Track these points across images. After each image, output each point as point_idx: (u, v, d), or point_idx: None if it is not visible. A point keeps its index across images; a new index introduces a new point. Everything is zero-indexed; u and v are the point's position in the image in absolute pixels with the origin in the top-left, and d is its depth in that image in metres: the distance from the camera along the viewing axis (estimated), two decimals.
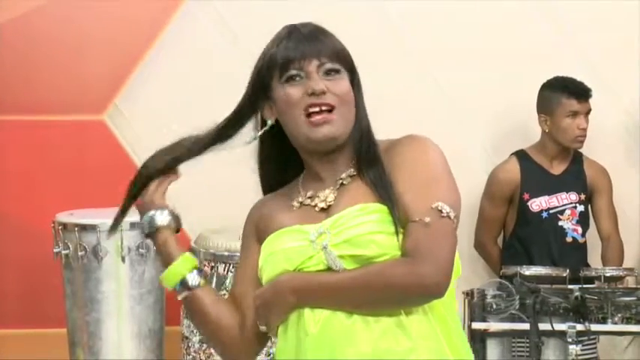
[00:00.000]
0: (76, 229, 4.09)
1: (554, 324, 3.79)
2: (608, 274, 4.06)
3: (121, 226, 2.31)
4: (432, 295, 1.90)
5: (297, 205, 2.03)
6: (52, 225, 4.17)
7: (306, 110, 1.97)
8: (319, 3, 4.44)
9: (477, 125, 4.76)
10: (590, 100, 4.42)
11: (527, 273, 4.00)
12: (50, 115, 4.65)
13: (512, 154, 4.54)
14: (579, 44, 4.76)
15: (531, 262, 4.32)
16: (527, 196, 4.44)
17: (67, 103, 4.67)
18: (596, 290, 3.91)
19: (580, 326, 3.82)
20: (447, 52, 4.71)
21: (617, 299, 3.85)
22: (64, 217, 4.19)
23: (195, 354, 4.00)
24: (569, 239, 4.44)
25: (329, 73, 1.99)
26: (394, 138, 2.04)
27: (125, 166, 4.47)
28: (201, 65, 4.65)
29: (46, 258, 4.20)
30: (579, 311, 3.83)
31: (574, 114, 4.40)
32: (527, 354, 3.86)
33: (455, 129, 4.63)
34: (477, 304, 3.86)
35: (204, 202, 4.47)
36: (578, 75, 4.45)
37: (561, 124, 4.40)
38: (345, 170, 2.02)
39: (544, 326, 3.79)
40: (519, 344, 3.91)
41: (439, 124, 4.44)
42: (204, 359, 3.98)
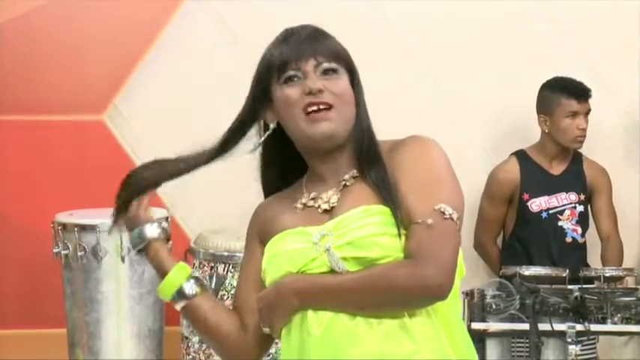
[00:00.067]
0: (76, 229, 4.09)
1: (553, 324, 3.79)
2: (607, 274, 4.06)
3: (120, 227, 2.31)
4: (435, 297, 1.90)
5: (300, 207, 2.03)
6: (52, 225, 4.16)
7: (305, 109, 1.97)
8: (318, 3, 4.45)
9: (477, 125, 4.76)
10: (590, 101, 4.42)
11: (526, 273, 3.99)
12: (50, 115, 4.65)
13: (511, 154, 4.54)
14: (579, 44, 4.76)
15: (531, 263, 4.32)
16: (526, 197, 4.44)
17: (67, 103, 4.67)
18: (596, 290, 3.91)
19: (579, 326, 3.82)
20: (446, 52, 4.71)
21: (616, 299, 3.85)
22: (63, 217, 4.19)
23: (195, 354, 4.00)
24: (568, 239, 4.44)
25: (327, 72, 1.99)
26: (397, 138, 2.03)
27: (125, 167, 4.42)
28: (201, 65, 4.65)
29: (46, 258, 4.19)
30: (579, 311, 3.83)
31: (573, 114, 4.40)
32: (527, 354, 3.86)
33: (454, 129, 4.63)
34: (476, 304, 3.86)
35: (203, 203, 4.47)
36: (577, 75, 4.45)
37: (561, 124, 4.40)
38: (348, 171, 2.02)
39: (544, 326, 3.79)
40: (519, 344, 3.91)
41: (438, 124, 4.43)
42: (203, 359, 3.98)
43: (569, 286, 3.91)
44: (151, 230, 2.11)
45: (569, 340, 3.81)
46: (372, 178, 1.97)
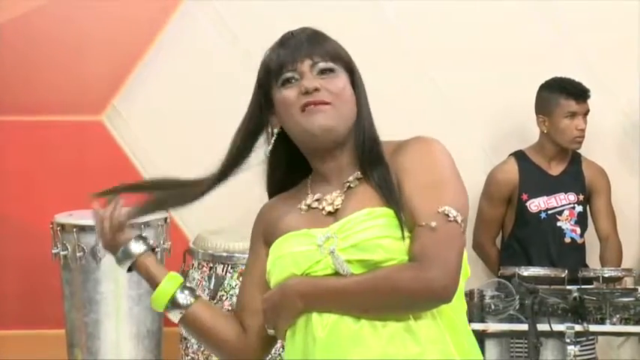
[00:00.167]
0: (75, 229, 4.09)
1: (552, 324, 3.79)
2: (606, 274, 4.06)
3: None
4: (440, 300, 1.89)
5: (304, 209, 2.02)
6: (51, 225, 4.16)
7: (302, 109, 1.97)
8: (318, 3, 4.44)
9: (476, 126, 4.76)
10: (589, 101, 4.42)
11: (525, 274, 3.99)
12: (50, 116, 4.65)
13: (510, 154, 4.54)
14: (578, 44, 4.77)
15: (530, 263, 4.32)
16: (525, 197, 4.44)
17: (67, 103, 4.67)
18: (595, 291, 3.91)
19: (578, 327, 3.82)
20: (445, 52, 4.71)
21: (615, 300, 3.85)
22: (62, 217, 4.18)
23: (194, 355, 3.99)
24: (567, 240, 4.44)
25: (323, 72, 1.99)
26: (401, 139, 2.02)
27: (123, 167, 4.47)
28: (201, 65, 4.65)
29: (45, 259, 4.19)
30: (578, 312, 3.83)
31: (572, 115, 4.40)
32: (526, 355, 3.85)
33: (453, 129, 4.63)
34: (475, 304, 3.86)
35: (202, 203, 4.45)
36: (576, 75, 4.45)
37: (560, 124, 4.40)
38: (351, 171, 2.01)
39: (542, 327, 3.79)
40: (518, 345, 3.91)
41: (437, 124, 4.42)
42: None
43: (568, 287, 3.91)
44: (136, 246, 2.11)
45: (567, 341, 3.81)
46: (375, 179, 1.97)
